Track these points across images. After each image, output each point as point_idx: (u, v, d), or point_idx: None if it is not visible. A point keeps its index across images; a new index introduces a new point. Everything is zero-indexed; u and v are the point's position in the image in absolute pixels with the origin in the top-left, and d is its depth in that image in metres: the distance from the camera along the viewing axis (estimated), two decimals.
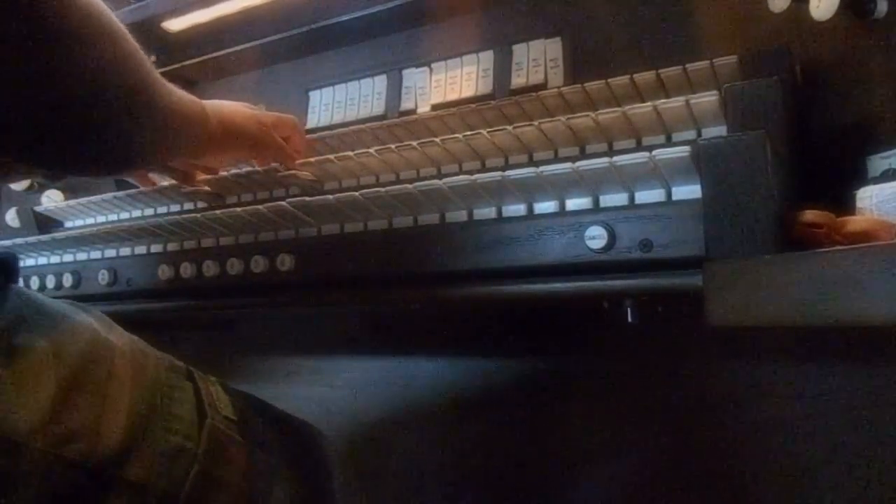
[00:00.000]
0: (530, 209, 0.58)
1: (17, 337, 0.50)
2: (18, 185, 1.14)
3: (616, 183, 0.54)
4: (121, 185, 1.06)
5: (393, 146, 0.74)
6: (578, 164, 0.53)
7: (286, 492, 0.63)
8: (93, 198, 0.95)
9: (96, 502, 0.51)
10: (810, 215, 0.48)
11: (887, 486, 0.74)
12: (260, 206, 0.68)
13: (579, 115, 0.65)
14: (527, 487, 0.96)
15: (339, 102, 1.04)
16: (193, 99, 0.63)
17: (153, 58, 1.05)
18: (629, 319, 0.59)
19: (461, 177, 0.58)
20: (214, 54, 1.10)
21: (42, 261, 0.88)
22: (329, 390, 1.12)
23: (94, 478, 0.51)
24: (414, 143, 0.72)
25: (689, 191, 0.51)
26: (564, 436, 0.93)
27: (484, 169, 0.72)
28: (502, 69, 0.91)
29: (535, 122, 0.67)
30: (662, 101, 0.62)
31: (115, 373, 0.55)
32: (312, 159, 0.77)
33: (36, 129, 0.48)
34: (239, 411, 0.63)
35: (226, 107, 0.72)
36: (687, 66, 0.69)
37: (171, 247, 0.77)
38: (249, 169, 0.82)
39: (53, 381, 0.50)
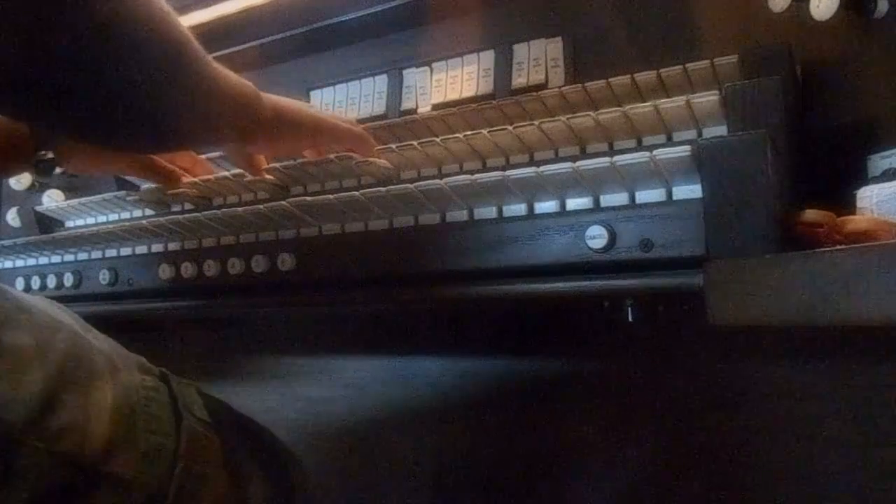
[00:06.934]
0: (531, 209, 0.58)
1: (2, 334, 0.51)
2: (19, 185, 1.14)
3: (617, 183, 0.54)
4: (122, 185, 1.06)
5: (394, 146, 0.74)
6: (579, 163, 0.54)
7: (261, 489, 0.66)
8: (94, 197, 0.95)
9: (85, 498, 0.52)
10: (811, 215, 0.48)
11: (889, 486, 0.74)
12: (260, 206, 0.68)
13: (580, 114, 0.65)
14: (527, 487, 0.96)
15: (339, 102, 1.04)
16: (246, 82, 0.62)
17: None
18: (629, 319, 0.59)
19: (462, 176, 0.58)
20: (214, 54, 1.09)
21: (43, 260, 0.88)
22: (329, 390, 1.12)
23: (82, 473, 0.52)
24: (415, 143, 0.72)
25: (689, 190, 0.51)
26: (565, 435, 0.93)
27: (485, 169, 0.71)
28: (503, 69, 0.91)
29: (536, 122, 0.66)
30: (663, 100, 0.62)
31: (96, 371, 0.55)
32: (313, 160, 0.77)
33: (76, 86, 0.45)
34: (212, 414, 0.64)
35: (284, 99, 0.70)
36: (687, 65, 0.69)
37: (172, 246, 0.77)
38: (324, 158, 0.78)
39: (41, 377, 0.51)
